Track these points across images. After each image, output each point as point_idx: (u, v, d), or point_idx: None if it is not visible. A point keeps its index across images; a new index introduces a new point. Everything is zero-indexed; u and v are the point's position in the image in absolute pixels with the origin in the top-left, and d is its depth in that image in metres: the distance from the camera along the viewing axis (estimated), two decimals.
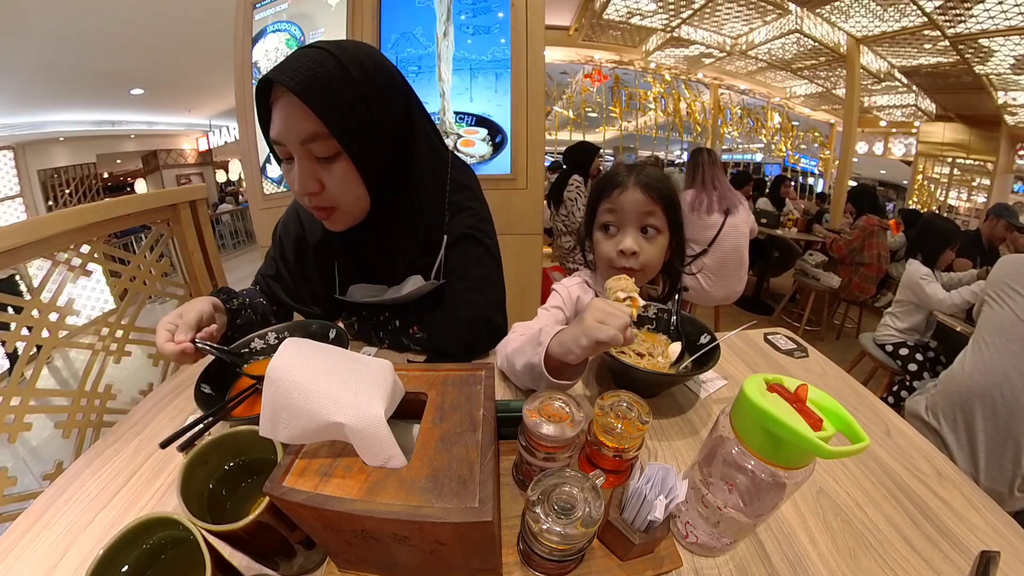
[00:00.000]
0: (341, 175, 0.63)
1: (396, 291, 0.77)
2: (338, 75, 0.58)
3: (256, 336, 0.71)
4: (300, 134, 0.58)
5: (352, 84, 0.58)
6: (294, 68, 0.56)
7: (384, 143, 0.65)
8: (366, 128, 0.61)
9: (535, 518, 0.38)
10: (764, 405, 0.36)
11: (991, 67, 4.85)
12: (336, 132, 0.58)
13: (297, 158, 0.61)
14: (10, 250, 0.89)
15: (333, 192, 0.63)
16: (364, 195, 0.67)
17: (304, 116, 0.57)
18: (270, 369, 0.38)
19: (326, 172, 0.62)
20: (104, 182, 8.07)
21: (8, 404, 0.90)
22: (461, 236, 0.76)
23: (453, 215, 0.76)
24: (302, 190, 0.62)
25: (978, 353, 1.30)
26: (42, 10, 3.80)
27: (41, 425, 0.97)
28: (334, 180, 0.63)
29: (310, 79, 0.56)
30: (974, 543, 0.48)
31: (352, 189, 0.65)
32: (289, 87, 0.55)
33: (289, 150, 0.60)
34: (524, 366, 0.63)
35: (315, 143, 0.59)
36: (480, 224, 0.79)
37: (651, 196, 0.75)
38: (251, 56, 2.04)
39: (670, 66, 6.82)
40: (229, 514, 0.43)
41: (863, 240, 3.06)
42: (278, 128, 0.60)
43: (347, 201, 0.66)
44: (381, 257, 0.77)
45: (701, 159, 2.39)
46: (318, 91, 0.56)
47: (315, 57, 0.58)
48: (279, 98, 0.58)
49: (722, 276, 2.38)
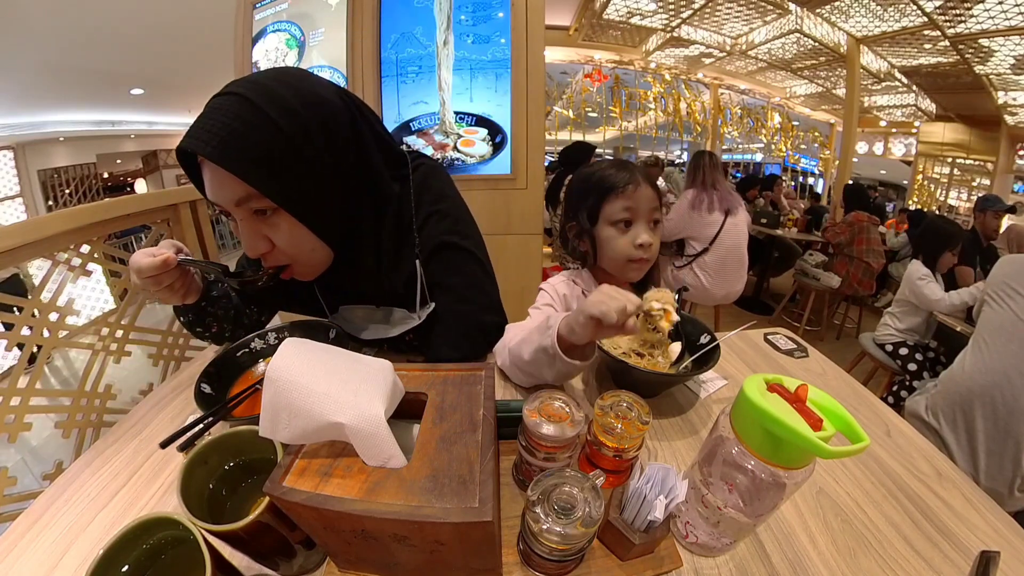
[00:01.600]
0: (288, 230, 0.57)
1: (387, 329, 0.75)
2: (258, 125, 0.51)
3: (256, 336, 0.71)
4: (231, 197, 0.53)
5: (276, 132, 0.51)
6: (207, 128, 0.50)
7: (327, 187, 0.58)
8: (303, 178, 0.55)
9: (535, 518, 0.38)
10: (764, 405, 0.36)
11: (991, 67, 4.84)
12: (268, 193, 0.53)
13: (238, 220, 0.56)
14: (10, 250, 0.89)
15: (284, 247, 0.59)
16: (319, 245, 0.62)
17: (230, 179, 0.51)
18: (270, 369, 0.38)
19: (271, 229, 0.57)
20: (104, 182, 8.06)
21: (8, 404, 0.90)
22: (436, 246, 0.71)
23: (422, 225, 0.70)
24: (251, 252, 0.58)
25: (978, 353, 1.30)
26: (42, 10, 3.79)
27: (41, 425, 0.97)
28: (282, 236, 0.58)
29: (225, 139, 0.49)
30: (974, 543, 0.48)
31: (304, 243, 0.60)
32: (204, 154, 0.50)
33: (227, 210, 0.56)
34: (535, 352, 0.61)
35: (251, 201, 0.54)
36: (454, 226, 0.73)
37: (655, 191, 0.80)
38: (251, 56, 2.04)
39: (670, 66, 6.82)
40: (229, 514, 0.43)
41: (851, 235, 3.12)
42: (210, 191, 0.55)
43: (302, 255, 0.61)
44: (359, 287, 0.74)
45: (703, 161, 2.43)
46: (236, 152, 0.50)
47: (230, 108, 0.51)
48: (203, 160, 0.53)
49: (722, 275, 2.40)
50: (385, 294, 0.74)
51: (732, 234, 2.36)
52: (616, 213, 0.79)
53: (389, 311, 0.76)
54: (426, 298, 0.72)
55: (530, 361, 0.63)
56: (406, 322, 0.73)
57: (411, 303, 0.72)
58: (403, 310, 0.74)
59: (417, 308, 0.72)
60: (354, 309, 0.78)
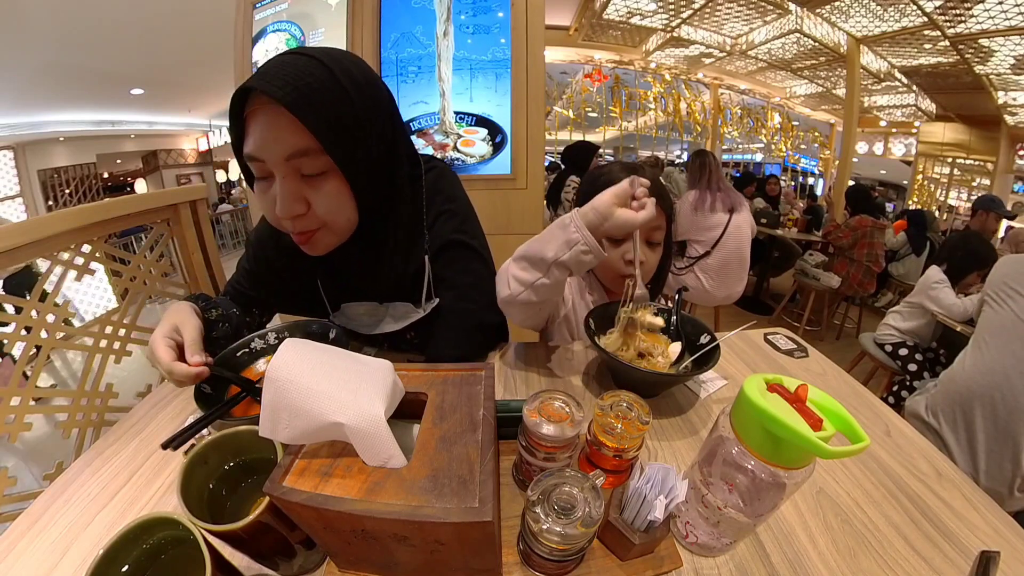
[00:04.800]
0: (331, 193, 0.58)
1: (389, 318, 0.75)
2: (329, 85, 0.53)
3: (256, 336, 0.71)
4: (287, 150, 0.53)
5: (343, 95, 0.54)
6: (281, 76, 0.50)
7: (374, 157, 0.60)
8: (359, 143, 0.57)
9: (535, 518, 0.38)
10: (764, 405, 0.36)
11: (991, 67, 4.84)
12: (330, 148, 0.53)
13: (280, 177, 0.55)
14: (10, 250, 0.89)
15: (321, 213, 0.58)
16: (354, 214, 0.62)
17: (292, 130, 0.51)
18: (270, 369, 0.38)
19: (313, 191, 0.57)
20: (104, 182, 8.07)
21: (8, 404, 0.90)
22: (444, 244, 0.72)
23: (432, 224, 0.72)
24: (286, 213, 0.56)
25: (978, 353, 1.30)
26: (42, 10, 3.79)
27: (41, 425, 0.97)
28: (323, 200, 0.57)
29: (300, 89, 0.50)
30: (974, 543, 0.48)
31: (343, 208, 0.60)
32: (277, 97, 0.49)
33: (268, 168, 0.55)
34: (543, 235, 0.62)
35: (303, 159, 0.54)
36: (462, 225, 0.75)
37: (660, 207, 0.74)
38: (251, 56, 2.04)
39: (670, 66, 6.82)
40: (229, 514, 0.43)
41: (853, 240, 3.09)
42: (258, 143, 0.54)
43: (336, 222, 0.61)
44: (367, 276, 0.74)
45: (708, 160, 2.39)
46: (308, 103, 0.51)
47: (305, 67, 0.52)
48: (259, 109, 0.53)
49: (724, 276, 2.39)
50: (389, 288, 0.74)
51: (735, 236, 2.33)
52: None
53: (392, 306, 0.76)
54: (431, 293, 0.73)
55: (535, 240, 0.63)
56: (409, 316, 0.73)
57: (416, 298, 0.73)
58: (407, 304, 0.75)
59: (423, 302, 0.73)
60: (356, 306, 0.78)
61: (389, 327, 0.75)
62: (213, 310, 0.69)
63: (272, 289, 0.82)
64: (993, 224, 2.79)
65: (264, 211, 0.61)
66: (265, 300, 0.84)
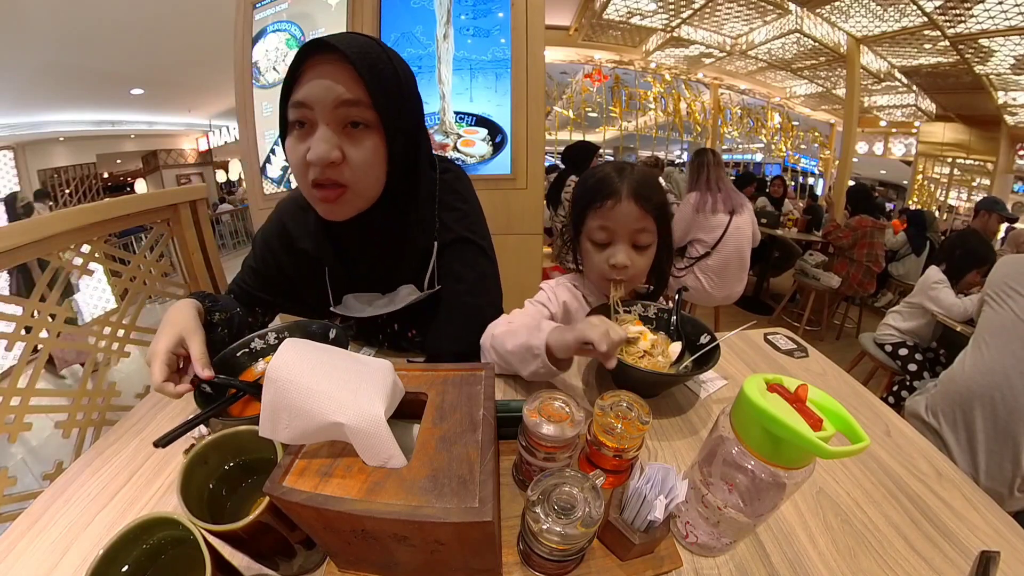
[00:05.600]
0: (367, 149, 0.61)
1: (389, 302, 0.76)
2: (385, 60, 0.61)
3: (256, 336, 0.71)
4: (339, 96, 0.57)
5: (394, 71, 0.61)
6: (347, 40, 0.58)
7: (409, 129, 0.66)
8: (401, 110, 0.63)
9: (535, 518, 0.38)
10: (764, 405, 0.36)
11: (991, 67, 4.84)
12: (377, 102, 0.58)
13: (323, 124, 0.58)
14: (10, 250, 0.89)
15: (354, 166, 0.60)
16: (381, 179, 0.65)
17: (348, 83, 0.57)
18: (270, 369, 0.38)
19: (351, 144, 0.60)
20: (104, 182, 8.07)
21: (8, 404, 0.90)
22: (454, 239, 0.76)
23: (443, 219, 0.75)
24: (322, 156, 0.57)
25: (978, 353, 1.30)
26: (42, 10, 3.79)
27: (41, 425, 0.97)
28: (358, 153, 0.60)
29: (364, 51, 0.58)
30: (974, 543, 0.48)
31: (374, 168, 0.63)
32: (344, 50, 0.56)
33: (314, 115, 0.58)
34: (520, 347, 0.65)
35: (352, 108, 0.58)
36: (472, 225, 0.78)
37: (644, 208, 0.73)
38: (251, 56, 2.04)
39: (670, 66, 6.81)
40: (229, 514, 0.43)
41: (854, 239, 3.08)
42: (313, 88, 0.57)
43: (364, 181, 0.63)
44: (375, 262, 0.76)
45: (706, 159, 2.36)
46: (368, 63, 0.57)
47: (366, 40, 0.61)
48: (321, 62, 0.57)
49: (724, 277, 2.39)
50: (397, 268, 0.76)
51: (735, 237, 2.32)
52: (593, 231, 0.77)
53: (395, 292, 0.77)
54: (435, 279, 0.75)
55: (512, 351, 0.66)
56: (411, 297, 0.75)
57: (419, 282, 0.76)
58: (410, 285, 0.76)
59: (425, 286, 0.75)
60: (359, 296, 0.79)
61: (390, 308, 0.76)
62: (216, 313, 0.69)
63: (278, 288, 0.82)
64: (994, 225, 2.79)
65: (293, 163, 0.62)
66: (271, 301, 0.84)
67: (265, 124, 2.07)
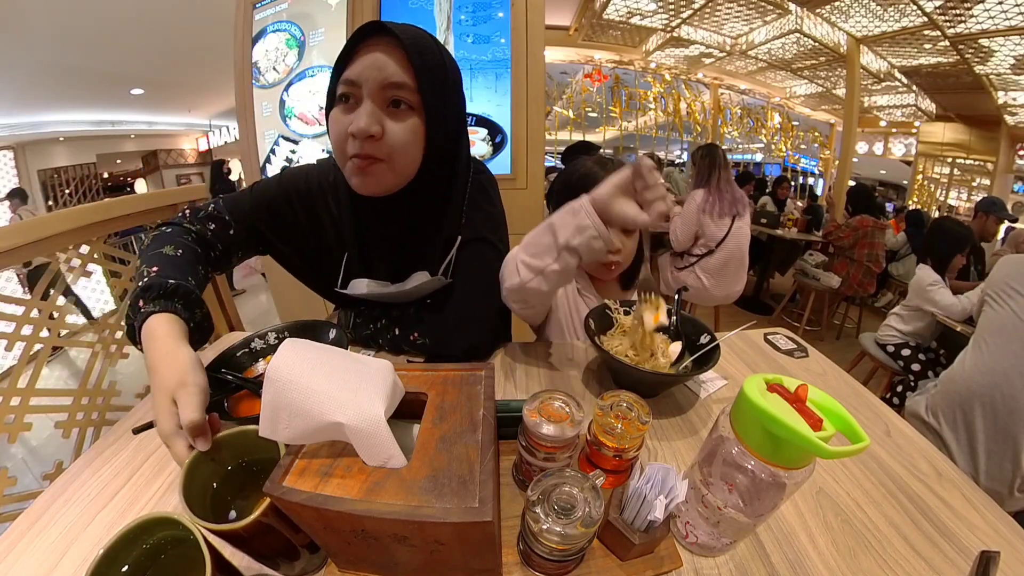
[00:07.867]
0: (408, 127, 0.64)
1: (400, 287, 0.77)
2: (436, 51, 0.64)
3: (256, 336, 0.71)
4: (390, 77, 0.60)
5: (442, 63, 0.65)
6: (402, 27, 0.61)
7: (450, 119, 0.69)
8: (445, 101, 0.66)
9: (535, 518, 0.38)
10: (764, 405, 0.36)
11: (991, 67, 4.84)
12: (423, 87, 0.62)
13: (368, 100, 0.61)
14: (10, 250, 0.89)
15: (392, 141, 0.63)
16: (417, 160, 0.67)
17: (399, 67, 0.60)
18: (270, 369, 0.38)
19: (393, 120, 0.63)
20: (104, 182, 8.06)
21: (8, 404, 0.90)
22: (475, 238, 0.77)
23: (470, 216, 0.78)
24: (363, 128, 0.60)
25: (978, 353, 1.30)
26: (42, 10, 3.79)
27: (41, 425, 0.97)
28: (399, 129, 0.63)
29: (416, 39, 0.62)
30: (974, 543, 0.48)
31: (411, 148, 0.65)
32: (399, 35, 0.60)
33: (361, 92, 0.61)
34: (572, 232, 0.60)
35: (399, 91, 0.61)
36: (496, 229, 0.81)
37: None
38: (251, 56, 2.04)
39: (670, 66, 6.81)
40: None
41: (855, 239, 3.08)
42: (364, 67, 0.60)
43: (400, 158, 0.65)
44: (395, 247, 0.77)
45: (718, 157, 2.30)
46: (420, 50, 0.61)
47: (418, 31, 0.64)
48: (375, 45, 0.61)
49: (724, 276, 2.39)
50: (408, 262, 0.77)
51: (736, 236, 2.32)
52: None
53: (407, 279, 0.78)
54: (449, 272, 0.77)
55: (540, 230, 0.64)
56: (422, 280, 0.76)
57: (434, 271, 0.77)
58: (424, 273, 0.77)
59: (439, 271, 0.76)
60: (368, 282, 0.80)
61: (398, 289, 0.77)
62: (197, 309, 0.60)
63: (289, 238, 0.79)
64: (993, 227, 2.79)
65: (334, 134, 0.65)
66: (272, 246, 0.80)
67: (265, 124, 2.07)
